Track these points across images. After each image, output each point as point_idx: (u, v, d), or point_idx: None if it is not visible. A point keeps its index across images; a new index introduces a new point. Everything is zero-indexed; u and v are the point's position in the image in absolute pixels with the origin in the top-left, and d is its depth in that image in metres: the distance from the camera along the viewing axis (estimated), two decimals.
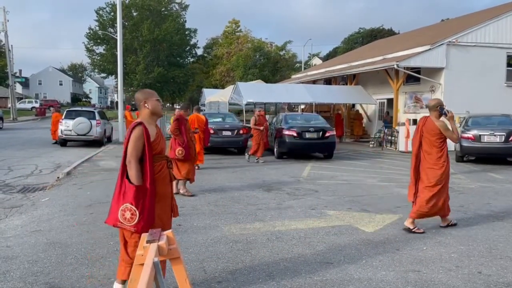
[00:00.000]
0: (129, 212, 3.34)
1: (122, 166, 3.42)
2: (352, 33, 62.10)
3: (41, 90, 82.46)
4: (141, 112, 3.59)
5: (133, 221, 3.34)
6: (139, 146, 3.39)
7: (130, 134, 3.41)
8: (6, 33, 39.14)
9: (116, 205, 3.39)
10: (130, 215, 3.34)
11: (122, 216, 3.37)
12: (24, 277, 4.07)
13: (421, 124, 5.84)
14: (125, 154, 3.40)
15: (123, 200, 3.36)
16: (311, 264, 4.44)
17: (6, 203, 7.56)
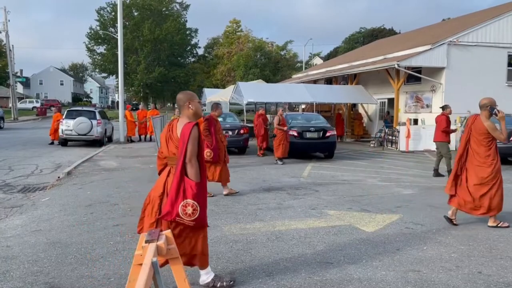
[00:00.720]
0: (190, 207, 3.51)
1: (182, 165, 3.54)
2: (353, 32, 62.10)
3: (42, 90, 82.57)
4: (184, 113, 3.77)
5: (194, 216, 3.52)
6: (196, 145, 3.58)
7: (189, 134, 3.52)
8: (7, 33, 39.18)
9: (175, 201, 3.50)
10: (192, 210, 3.51)
11: (183, 212, 3.50)
12: (24, 277, 4.07)
13: (470, 122, 5.96)
14: (184, 153, 3.53)
15: (183, 196, 3.51)
16: (311, 264, 4.43)
17: (6, 203, 7.57)
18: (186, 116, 3.76)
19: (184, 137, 3.54)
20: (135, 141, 20.11)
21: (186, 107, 3.74)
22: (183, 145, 3.54)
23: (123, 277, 4.03)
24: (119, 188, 8.54)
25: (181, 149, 3.55)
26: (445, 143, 10.56)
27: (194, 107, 3.73)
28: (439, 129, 10.57)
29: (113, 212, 6.55)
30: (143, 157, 13.95)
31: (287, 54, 60.16)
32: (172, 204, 3.50)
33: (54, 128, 18.18)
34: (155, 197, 3.70)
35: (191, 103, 3.74)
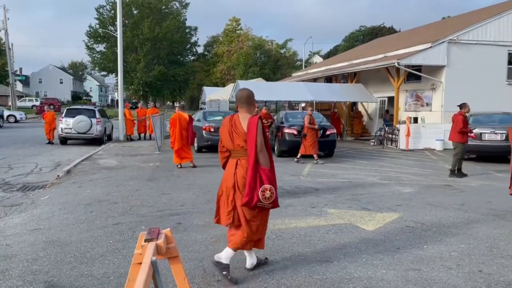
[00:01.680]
0: (269, 192, 3.87)
1: (255, 155, 3.87)
2: (353, 31, 62.07)
3: (42, 89, 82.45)
4: (245, 109, 4.12)
5: (271, 199, 3.90)
6: (263, 136, 3.97)
7: (256, 127, 3.87)
8: (6, 31, 39.16)
9: (254, 189, 3.83)
10: (270, 194, 3.87)
11: (262, 196, 3.84)
12: (23, 275, 4.06)
13: None
14: (255, 145, 3.86)
15: (260, 183, 3.85)
16: (311, 262, 4.42)
17: (6, 201, 7.56)
18: (247, 111, 4.11)
19: (253, 130, 3.88)
20: (134, 140, 20.09)
21: (251, 104, 4.16)
22: (252, 138, 3.87)
23: (123, 276, 4.02)
24: (119, 187, 8.52)
25: (251, 141, 3.88)
26: (461, 143, 10.23)
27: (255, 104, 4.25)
28: (455, 129, 10.23)
29: (113, 211, 6.54)
30: (143, 156, 13.93)
31: (287, 53, 60.12)
32: (251, 192, 3.83)
33: (50, 128, 17.93)
34: (228, 187, 4.02)
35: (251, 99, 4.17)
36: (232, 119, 4.12)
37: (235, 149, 4.04)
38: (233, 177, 4.00)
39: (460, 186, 9.12)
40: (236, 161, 4.04)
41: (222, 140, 4.19)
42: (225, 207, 4.04)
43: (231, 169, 4.06)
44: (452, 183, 9.43)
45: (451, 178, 10.11)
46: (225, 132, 4.10)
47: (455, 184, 9.31)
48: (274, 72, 51.40)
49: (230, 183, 4.01)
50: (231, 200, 4.00)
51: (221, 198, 4.10)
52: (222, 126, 4.19)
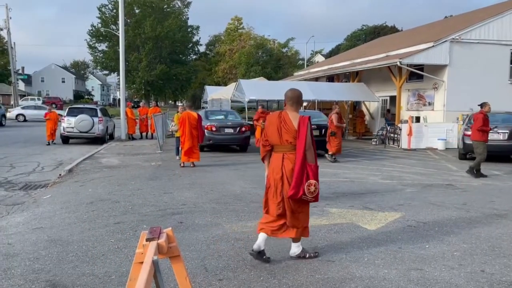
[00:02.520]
0: (313, 186, 4.20)
1: (303, 152, 4.22)
2: (355, 30, 61.93)
3: (44, 88, 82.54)
4: (294, 108, 4.48)
5: (315, 193, 4.23)
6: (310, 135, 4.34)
7: (306, 126, 4.26)
8: (8, 31, 39.24)
9: (300, 183, 4.17)
10: (314, 189, 4.20)
11: (307, 190, 4.18)
12: (25, 274, 4.07)
13: None
14: (304, 143, 4.22)
15: (307, 178, 4.19)
16: (312, 262, 4.41)
17: (8, 200, 7.57)
18: (296, 110, 4.45)
19: (304, 129, 4.25)
20: (136, 139, 20.11)
21: (297, 103, 4.50)
22: (303, 136, 4.24)
23: (124, 275, 4.02)
24: (121, 186, 8.53)
25: (301, 139, 4.24)
26: (481, 142, 10.13)
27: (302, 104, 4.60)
28: (475, 127, 10.17)
29: (115, 210, 6.54)
30: (144, 155, 13.94)
31: (289, 52, 60.05)
32: (298, 185, 4.16)
33: (54, 128, 17.52)
34: (277, 180, 4.31)
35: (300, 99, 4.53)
36: (280, 116, 4.41)
37: (282, 144, 4.35)
38: (281, 170, 4.29)
39: (462, 185, 9.10)
40: (282, 155, 4.34)
41: (267, 135, 4.48)
42: (275, 199, 4.33)
43: (277, 162, 4.34)
44: (454, 183, 9.41)
45: (467, 174, 10.23)
46: (273, 128, 4.39)
47: (457, 184, 9.29)
48: (276, 71, 51.35)
49: (278, 176, 4.30)
50: (280, 192, 4.30)
51: (270, 191, 4.39)
52: (269, 122, 4.50)
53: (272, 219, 4.38)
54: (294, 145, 4.29)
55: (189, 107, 12.03)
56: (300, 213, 4.35)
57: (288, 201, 4.28)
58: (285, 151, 4.34)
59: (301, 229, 4.42)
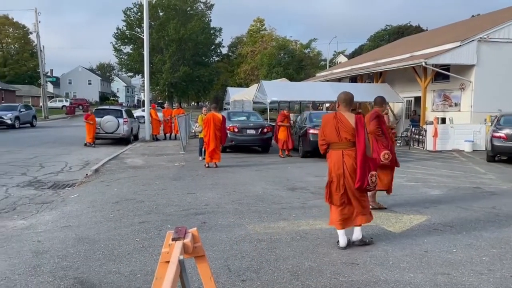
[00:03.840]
0: (374, 177, 4.77)
1: (364, 147, 4.72)
2: (378, 30, 61.08)
3: (71, 89, 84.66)
4: (348, 108, 4.93)
5: (375, 183, 4.82)
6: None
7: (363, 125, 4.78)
8: (38, 34, 40.34)
9: (365, 175, 4.69)
10: (375, 179, 4.79)
11: (370, 181, 4.71)
12: (54, 271, 4.18)
13: None
14: (364, 139, 4.73)
15: (369, 169, 4.73)
16: (336, 264, 4.38)
17: (37, 199, 7.80)
18: (349, 111, 4.91)
19: (361, 127, 4.76)
20: (160, 140, 20.39)
21: (350, 104, 4.95)
22: (361, 133, 4.74)
23: (149, 273, 4.09)
24: (145, 186, 8.66)
25: (361, 135, 4.73)
26: None
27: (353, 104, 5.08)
28: None
29: (139, 210, 6.65)
30: (168, 155, 14.12)
31: (311, 53, 59.73)
32: (363, 177, 4.69)
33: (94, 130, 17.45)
34: (339, 174, 4.78)
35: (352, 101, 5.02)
36: (336, 116, 4.85)
37: (341, 142, 4.81)
38: (342, 166, 4.76)
39: (491, 188, 8.85)
40: (342, 151, 4.79)
41: (325, 134, 4.94)
42: (338, 192, 4.79)
43: (338, 159, 4.80)
44: (483, 186, 9.17)
45: None
46: (330, 127, 4.86)
47: (486, 187, 9.05)
48: (298, 72, 51.13)
49: (340, 171, 4.77)
50: (342, 185, 4.76)
51: (332, 184, 4.85)
52: (326, 123, 4.94)
53: (338, 212, 4.81)
54: (352, 142, 4.77)
55: (214, 109, 12.09)
56: (365, 201, 4.89)
57: (353, 192, 4.76)
58: (344, 148, 4.79)
59: (367, 215, 4.90)
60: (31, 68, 65.41)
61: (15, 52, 67.55)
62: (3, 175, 10.03)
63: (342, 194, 4.79)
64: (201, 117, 12.96)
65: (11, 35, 67.85)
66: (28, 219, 6.36)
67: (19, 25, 67.35)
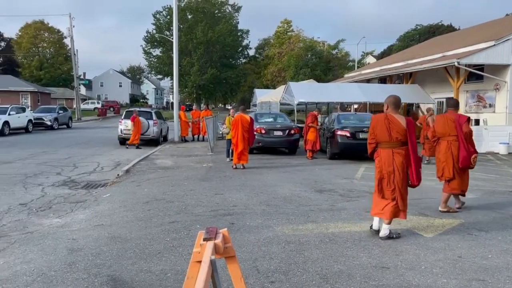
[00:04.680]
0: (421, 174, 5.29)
1: (415, 146, 5.20)
2: (408, 30, 59.84)
3: (103, 92, 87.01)
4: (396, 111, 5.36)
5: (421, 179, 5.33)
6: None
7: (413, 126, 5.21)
8: (72, 38, 41.67)
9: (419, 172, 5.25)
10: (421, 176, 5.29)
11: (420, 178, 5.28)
12: (88, 268, 4.30)
13: None
14: (414, 139, 5.22)
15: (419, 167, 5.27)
16: (366, 268, 4.32)
17: (71, 198, 8.05)
18: (398, 113, 5.35)
19: (412, 128, 5.20)
20: (188, 141, 20.67)
21: (399, 107, 5.42)
22: (412, 133, 5.20)
23: (179, 273, 4.15)
24: (174, 186, 8.80)
25: (412, 135, 5.19)
26: None
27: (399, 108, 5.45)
28: None
29: (169, 209, 6.76)
30: (197, 156, 14.29)
31: (339, 53, 59.16)
32: (418, 174, 5.23)
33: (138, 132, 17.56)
34: (389, 171, 5.21)
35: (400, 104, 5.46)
36: (386, 117, 5.28)
37: (392, 141, 5.22)
38: (392, 164, 5.18)
39: None
40: (392, 150, 5.21)
41: (375, 134, 5.34)
42: (389, 187, 5.21)
43: (388, 157, 5.22)
44: None
45: None
46: (381, 128, 5.27)
47: None
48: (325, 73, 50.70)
49: (390, 168, 5.19)
50: (393, 181, 5.18)
51: (383, 181, 5.26)
52: (376, 123, 5.35)
53: (385, 203, 5.23)
54: (401, 142, 5.19)
55: (243, 110, 12.15)
56: (406, 199, 5.31)
57: (399, 188, 5.17)
58: (394, 147, 5.21)
59: (406, 212, 5.32)
60: (65, 71, 67.63)
61: (50, 56, 70.05)
62: (40, 175, 10.41)
63: (393, 189, 5.19)
64: (229, 119, 13.05)
65: (46, 40, 70.40)
66: (63, 217, 6.57)
67: (54, 30, 69.83)
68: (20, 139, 20.76)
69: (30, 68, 66.26)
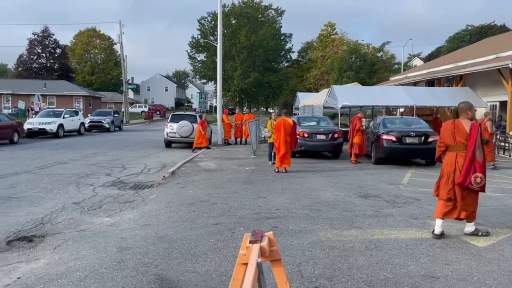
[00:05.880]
0: (479, 178, 5.31)
1: (473, 150, 5.34)
2: (458, 31, 57.52)
3: (150, 96, 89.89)
4: (464, 116, 5.60)
5: (481, 184, 5.34)
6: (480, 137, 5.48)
7: (477, 131, 5.36)
8: (121, 45, 43.41)
9: (468, 174, 5.30)
10: (480, 180, 5.31)
11: (474, 181, 5.29)
12: (137, 267, 4.46)
13: None
14: (474, 143, 5.34)
15: (474, 170, 5.31)
16: (414, 277, 4.18)
17: (120, 198, 8.36)
18: (466, 118, 5.56)
19: (474, 133, 5.36)
20: (231, 144, 20.90)
21: (466, 113, 5.58)
22: (473, 138, 5.35)
23: (224, 274, 4.21)
24: (218, 188, 8.93)
25: (472, 140, 5.34)
26: None
27: (471, 113, 5.60)
28: None
29: (213, 211, 6.87)
30: (239, 159, 14.42)
31: (384, 56, 57.76)
32: (466, 176, 5.31)
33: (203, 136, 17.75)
34: (450, 172, 5.46)
35: (470, 111, 5.59)
36: (454, 123, 5.59)
37: (456, 145, 5.49)
38: (454, 165, 5.44)
39: None
40: (456, 153, 5.48)
41: (443, 138, 5.64)
42: (446, 186, 5.47)
43: (451, 158, 5.50)
44: None
45: None
46: (448, 132, 5.56)
47: None
48: (370, 76, 49.63)
49: (451, 169, 5.45)
50: (451, 181, 5.42)
51: (442, 180, 5.55)
52: (444, 128, 5.67)
53: (442, 203, 5.49)
54: (465, 145, 5.41)
55: (285, 114, 12.14)
56: (469, 199, 5.44)
57: (459, 189, 5.38)
58: (458, 150, 5.47)
59: (469, 212, 5.47)
60: (114, 76, 70.50)
61: (101, 61, 73.36)
62: (91, 175, 10.90)
63: (449, 189, 5.42)
64: (271, 122, 13.06)
65: (98, 46, 73.80)
66: (113, 216, 6.84)
67: (105, 37, 73.07)
68: (73, 141, 21.85)
69: (82, 74, 69.75)
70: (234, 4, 63.86)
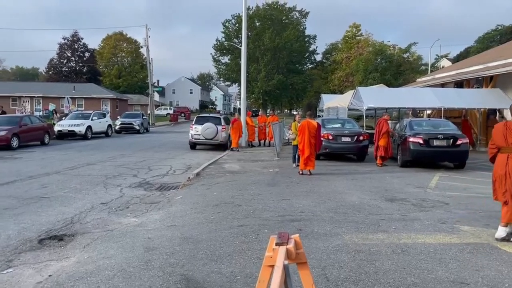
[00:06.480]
0: None
1: None
2: (487, 31, 55.92)
3: (175, 98, 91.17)
4: None
5: None
6: None
7: None
8: (147, 48, 44.18)
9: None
10: None
11: None
12: (163, 267, 4.53)
13: None
14: None
15: None
16: (443, 282, 4.09)
17: (146, 199, 8.51)
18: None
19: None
20: (255, 146, 20.95)
21: None
22: None
23: (248, 276, 4.22)
24: (242, 190, 8.97)
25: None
26: None
27: None
28: None
29: (237, 213, 6.91)
30: (263, 162, 14.44)
31: (410, 57, 56.72)
32: None
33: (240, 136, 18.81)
34: (501, 175, 5.47)
35: None
36: (506, 124, 5.56)
37: (508, 146, 5.45)
38: (504, 167, 5.41)
39: None
40: (507, 155, 5.44)
41: (495, 140, 5.62)
42: (500, 189, 5.49)
43: (502, 161, 5.48)
44: None
45: None
46: (499, 134, 5.54)
47: None
48: (396, 77, 48.80)
49: (502, 172, 5.44)
50: (504, 184, 5.42)
51: (496, 182, 5.58)
52: (496, 130, 5.63)
53: (504, 208, 5.43)
54: None
55: (310, 116, 12.09)
56: None
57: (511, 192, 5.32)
58: (510, 152, 5.42)
59: None
60: (140, 79, 71.91)
61: (128, 64, 74.95)
62: (118, 177, 11.13)
63: (504, 192, 5.40)
64: (295, 124, 13.04)
65: (125, 50, 75.47)
66: (139, 217, 6.96)
67: (132, 41, 74.65)
68: (101, 142, 22.37)
69: (110, 77, 71.46)
70: (258, 6, 64.09)
